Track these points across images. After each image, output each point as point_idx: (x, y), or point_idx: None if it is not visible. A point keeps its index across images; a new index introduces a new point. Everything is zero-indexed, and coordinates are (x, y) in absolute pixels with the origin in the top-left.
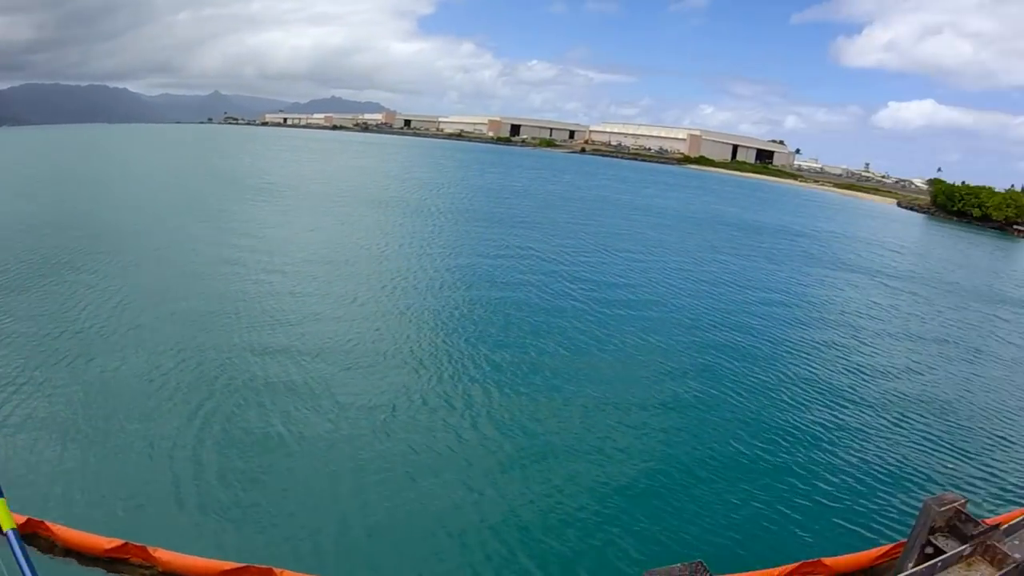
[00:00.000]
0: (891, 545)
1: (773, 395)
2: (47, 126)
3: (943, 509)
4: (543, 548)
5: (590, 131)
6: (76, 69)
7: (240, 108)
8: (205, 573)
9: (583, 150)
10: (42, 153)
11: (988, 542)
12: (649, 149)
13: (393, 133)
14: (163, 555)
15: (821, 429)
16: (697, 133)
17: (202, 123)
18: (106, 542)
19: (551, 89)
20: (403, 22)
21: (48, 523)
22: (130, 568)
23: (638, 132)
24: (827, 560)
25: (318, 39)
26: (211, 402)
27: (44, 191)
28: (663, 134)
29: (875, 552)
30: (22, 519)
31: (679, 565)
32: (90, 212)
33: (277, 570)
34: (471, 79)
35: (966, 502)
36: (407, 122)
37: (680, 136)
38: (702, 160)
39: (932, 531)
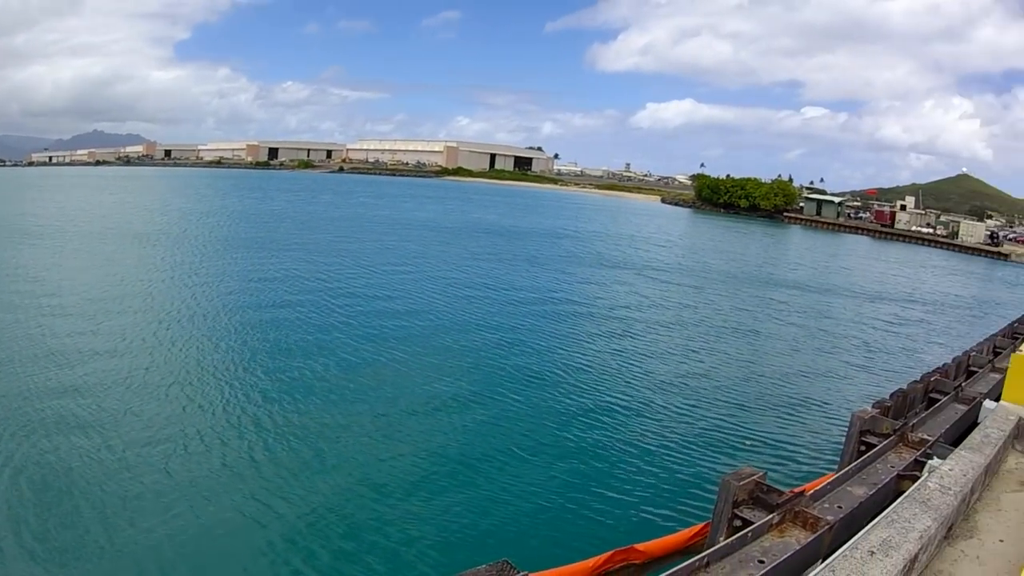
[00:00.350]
0: (701, 525)
1: (557, 388)
2: None
3: (743, 483)
4: (337, 558)
5: (347, 149)
6: None
7: (8, 148)
8: None
9: (341, 169)
10: None
11: (796, 508)
12: (407, 164)
13: (155, 164)
14: None
15: (612, 416)
16: (454, 145)
17: None
18: None
19: (306, 110)
20: (160, 49)
21: None
22: None
23: (395, 147)
24: (640, 546)
25: (79, 71)
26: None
27: None
28: (420, 147)
29: (687, 533)
30: None
31: (484, 566)
32: None
33: None
34: (227, 104)
35: (765, 474)
36: (167, 152)
37: (437, 149)
38: (460, 171)
39: (736, 505)
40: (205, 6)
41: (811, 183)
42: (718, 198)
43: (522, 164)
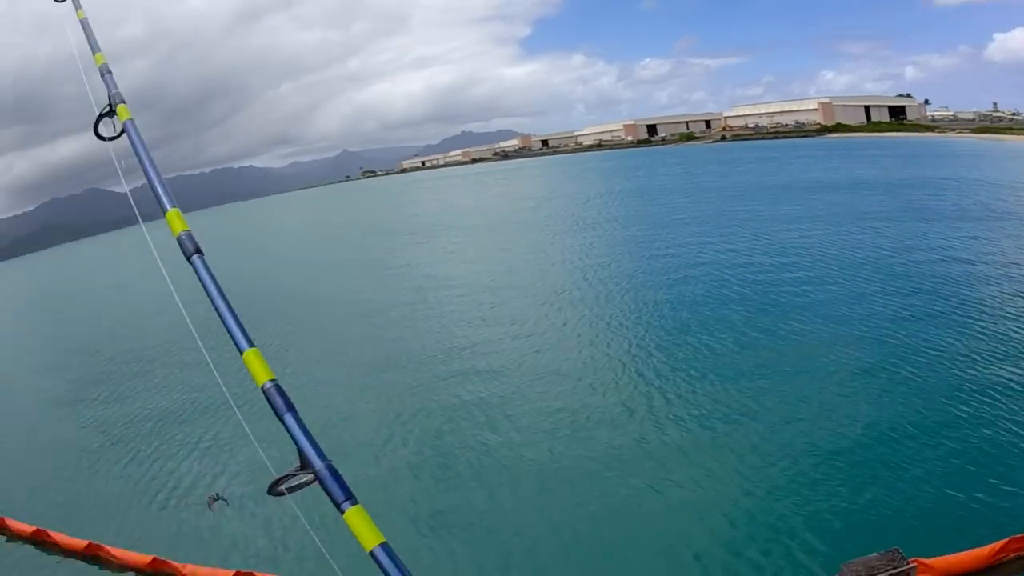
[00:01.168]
0: None
1: (969, 363)
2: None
3: None
4: (732, 544)
5: (725, 117)
6: (192, 160)
7: (372, 161)
8: None
9: (723, 137)
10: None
11: None
12: (786, 125)
13: (533, 155)
14: None
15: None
16: (827, 101)
17: (340, 182)
18: None
19: (672, 83)
20: (506, 48)
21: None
22: None
23: (771, 110)
24: None
25: (427, 81)
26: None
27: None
28: (795, 107)
29: None
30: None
31: (875, 555)
32: (261, 274)
33: None
34: (592, 89)
35: None
36: (544, 142)
37: (811, 107)
38: (839, 127)
39: None
40: (535, 1)
41: None
42: None
43: (896, 114)
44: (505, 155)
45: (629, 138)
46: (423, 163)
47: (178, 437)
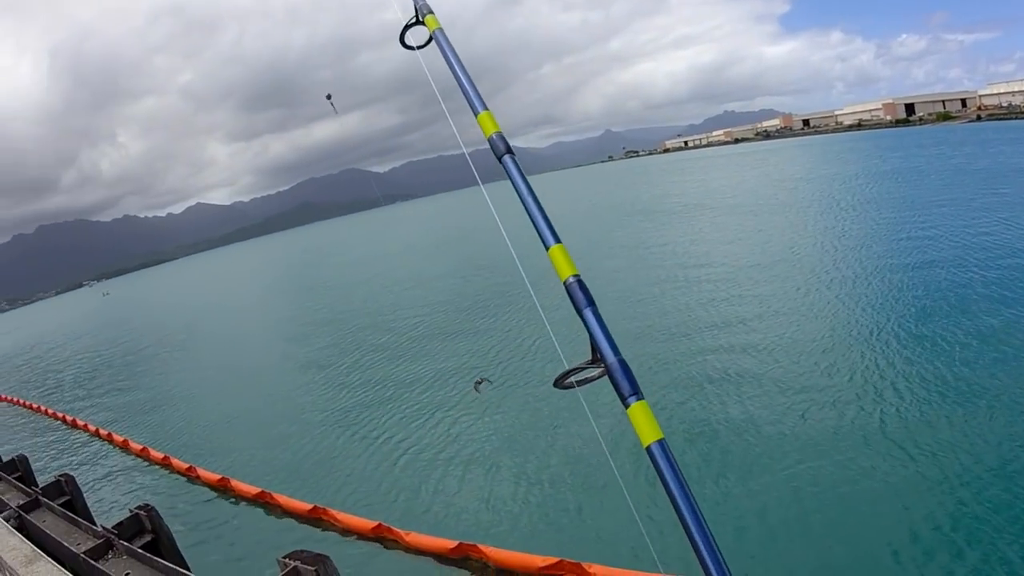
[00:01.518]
0: None
1: None
2: (436, 195)
3: None
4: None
5: (979, 96)
6: (453, 141)
7: (634, 141)
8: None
9: (979, 117)
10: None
11: None
12: None
13: (794, 135)
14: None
15: None
16: None
17: (603, 162)
18: (540, 560)
19: (928, 60)
20: (765, 26)
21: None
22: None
23: None
24: None
25: (689, 60)
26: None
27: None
28: None
29: None
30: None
31: None
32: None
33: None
34: (851, 67)
35: None
36: (806, 122)
37: None
38: None
39: None
40: None
41: None
42: None
43: None
44: (767, 135)
45: (888, 117)
46: (685, 143)
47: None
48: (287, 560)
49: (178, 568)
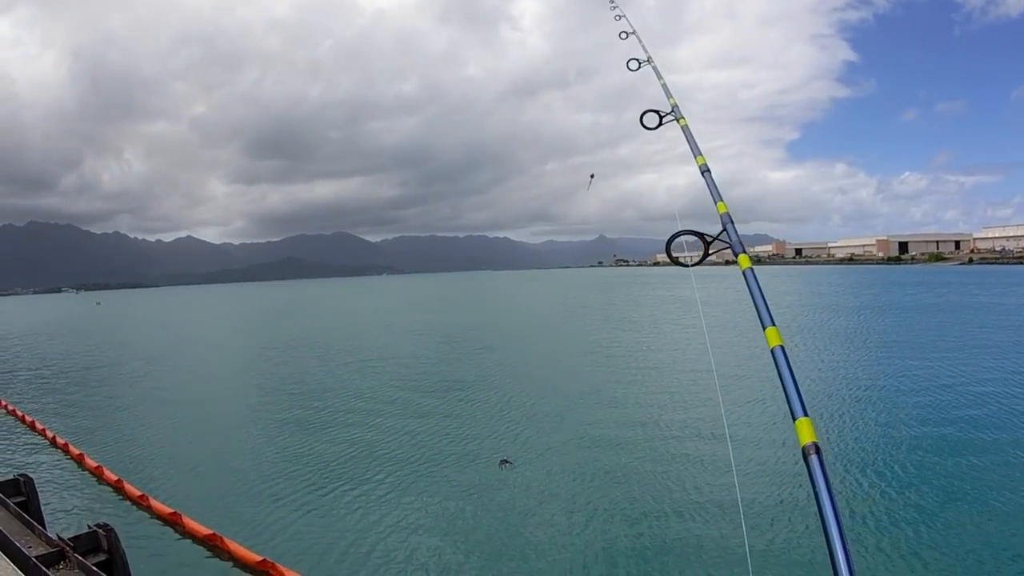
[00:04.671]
0: None
1: None
2: (424, 274)
3: None
4: None
5: (974, 239)
6: (449, 222)
7: (627, 250)
8: None
9: (970, 260)
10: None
11: None
12: None
13: (785, 263)
14: None
15: None
16: None
17: (592, 267)
18: None
19: (927, 200)
20: (773, 151)
21: None
22: None
23: (1019, 234)
24: None
25: (690, 176)
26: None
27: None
28: None
29: None
30: None
31: None
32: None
33: None
34: (850, 200)
35: None
36: (798, 251)
37: None
38: None
39: None
40: (806, 105)
41: None
42: None
43: None
44: (759, 260)
45: (880, 254)
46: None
47: None
48: None
49: None
